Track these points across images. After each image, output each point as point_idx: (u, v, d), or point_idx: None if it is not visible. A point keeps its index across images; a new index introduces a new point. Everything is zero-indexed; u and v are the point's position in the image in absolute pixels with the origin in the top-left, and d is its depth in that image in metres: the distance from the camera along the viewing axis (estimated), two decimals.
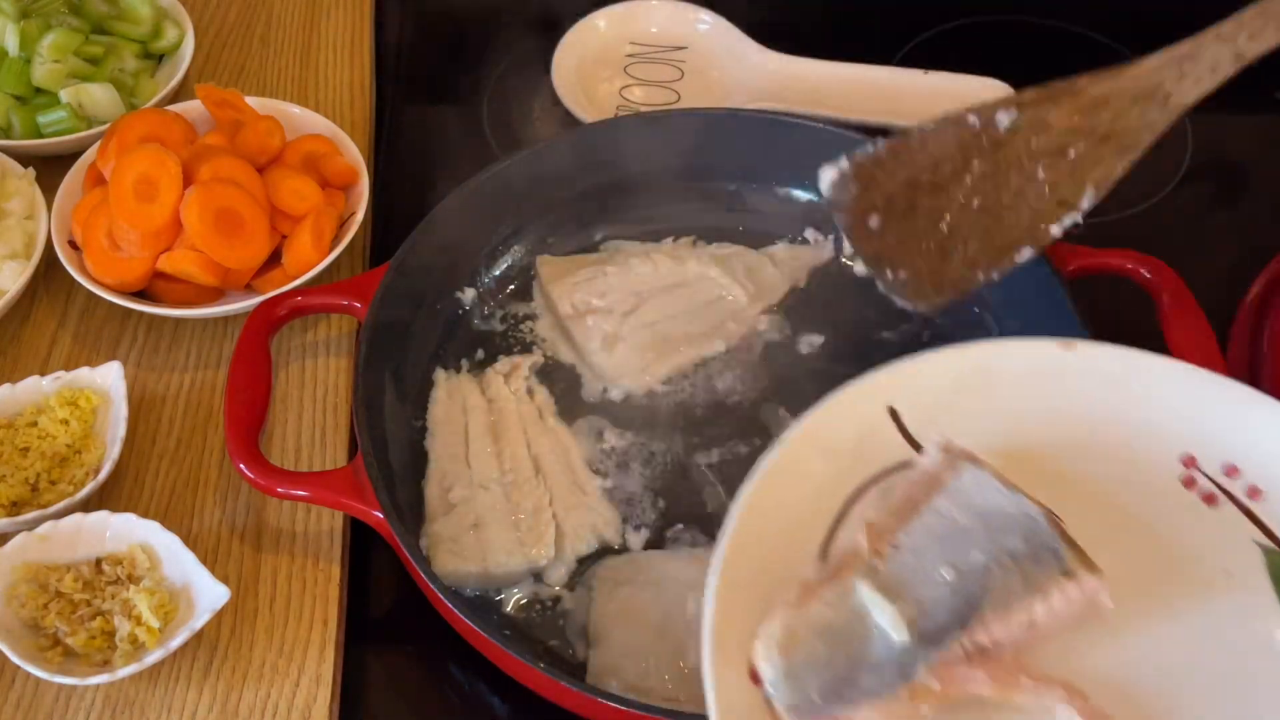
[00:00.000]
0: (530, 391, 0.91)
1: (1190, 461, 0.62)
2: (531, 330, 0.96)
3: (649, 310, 0.95)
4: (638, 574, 0.80)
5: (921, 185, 0.77)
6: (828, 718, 0.52)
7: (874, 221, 0.79)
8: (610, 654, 0.77)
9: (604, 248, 1.02)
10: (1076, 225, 0.71)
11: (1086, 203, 0.71)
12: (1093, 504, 0.61)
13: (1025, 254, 0.72)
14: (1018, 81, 1.13)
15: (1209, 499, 0.62)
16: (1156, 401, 0.63)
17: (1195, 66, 0.70)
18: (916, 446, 0.62)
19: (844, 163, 0.79)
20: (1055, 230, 0.71)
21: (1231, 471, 0.62)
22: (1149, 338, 0.83)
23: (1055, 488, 0.60)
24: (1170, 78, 0.70)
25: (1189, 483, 0.62)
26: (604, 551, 0.82)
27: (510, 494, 0.84)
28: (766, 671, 0.53)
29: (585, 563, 0.82)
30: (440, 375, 0.92)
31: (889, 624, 0.54)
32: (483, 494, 0.83)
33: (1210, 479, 0.62)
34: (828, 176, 0.80)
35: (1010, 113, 0.73)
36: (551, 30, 1.20)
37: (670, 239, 1.02)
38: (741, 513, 0.58)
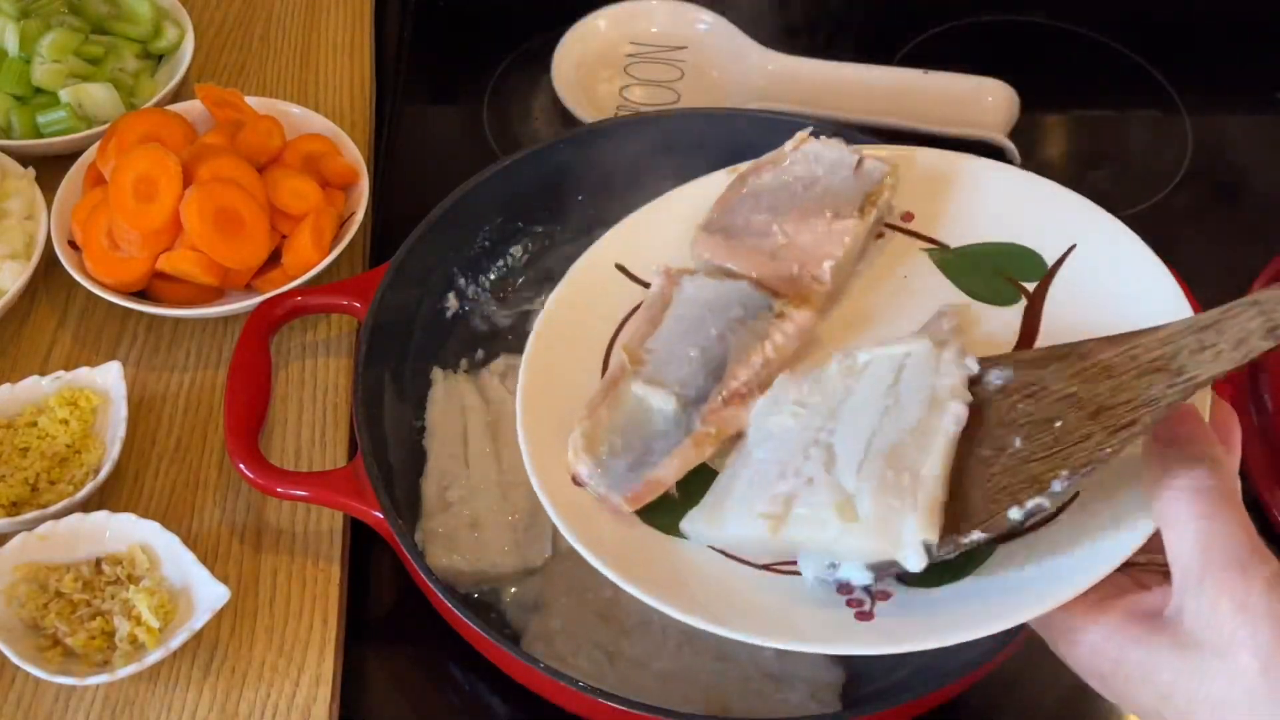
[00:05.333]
0: None
1: None
2: (532, 330, 0.96)
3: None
4: None
5: None
6: (640, 483, 0.64)
7: None
8: (548, 623, 0.78)
9: None
10: (1041, 509, 0.56)
11: (1058, 486, 0.56)
12: None
13: (972, 537, 0.57)
14: (1018, 82, 1.14)
15: (879, 235, 0.75)
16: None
17: (1218, 338, 0.57)
18: (647, 285, 0.75)
19: None
20: (1014, 514, 0.56)
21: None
22: None
23: None
24: (1187, 348, 0.57)
25: None
26: None
27: (508, 494, 0.84)
28: (582, 471, 0.65)
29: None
30: (438, 375, 0.92)
31: (660, 402, 0.67)
32: (480, 494, 0.83)
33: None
34: None
35: (1005, 371, 0.62)
36: (551, 30, 1.20)
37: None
38: (527, 379, 0.70)
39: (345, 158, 1.01)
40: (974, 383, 0.62)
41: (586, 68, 1.19)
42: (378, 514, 0.76)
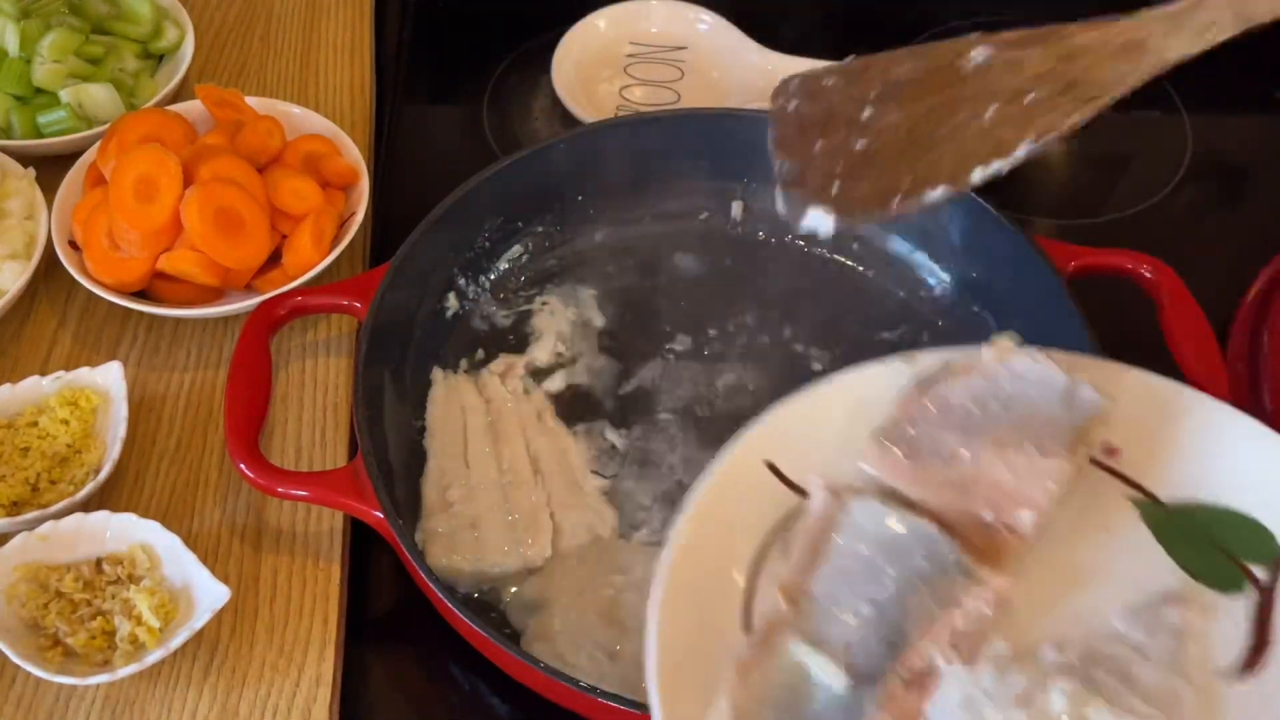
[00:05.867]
0: (528, 391, 0.91)
1: None
2: (531, 329, 0.96)
3: None
4: (604, 558, 0.81)
5: (864, 102, 0.70)
6: None
7: (809, 136, 0.75)
8: (548, 623, 0.77)
9: None
10: (999, 174, 0.62)
11: (1021, 151, 0.60)
12: None
13: (937, 193, 0.61)
14: None
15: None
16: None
17: (1189, 21, 0.60)
18: (802, 492, 0.62)
19: (796, 79, 0.79)
20: (977, 175, 0.61)
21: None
22: (1150, 337, 0.83)
23: None
24: (1157, 32, 0.61)
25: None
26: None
27: (508, 494, 0.84)
28: None
29: None
30: (438, 375, 0.92)
31: (826, 674, 0.55)
32: (480, 494, 0.84)
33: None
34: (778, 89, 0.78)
35: (987, 50, 0.66)
36: (551, 30, 1.20)
37: None
38: (660, 608, 0.58)
39: (345, 158, 1.01)
40: (955, 59, 0.65)
41: (586, 68, 1.19)
42: (378, 514, 0.76)
